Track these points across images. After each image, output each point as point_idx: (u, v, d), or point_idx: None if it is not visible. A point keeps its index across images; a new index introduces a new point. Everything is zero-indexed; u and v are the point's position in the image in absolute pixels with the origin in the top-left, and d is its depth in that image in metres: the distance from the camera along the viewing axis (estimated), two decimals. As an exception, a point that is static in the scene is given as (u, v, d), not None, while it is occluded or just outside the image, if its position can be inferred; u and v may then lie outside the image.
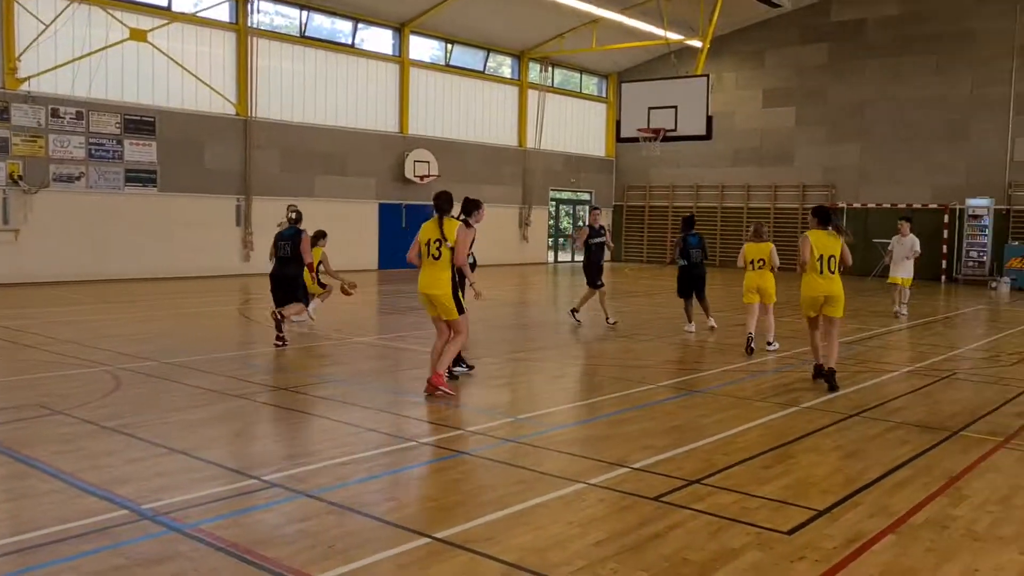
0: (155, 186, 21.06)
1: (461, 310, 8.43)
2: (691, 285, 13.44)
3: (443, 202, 8.41)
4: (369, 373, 9.63)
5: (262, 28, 23.14)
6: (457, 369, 9.25)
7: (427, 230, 8.41)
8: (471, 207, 8.77)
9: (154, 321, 13.58)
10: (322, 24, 24.75)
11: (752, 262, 11.69)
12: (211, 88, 22.09)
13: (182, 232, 21.56)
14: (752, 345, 11.34)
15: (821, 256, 9.06)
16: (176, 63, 21.36)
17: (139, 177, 20.75)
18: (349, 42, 25.37)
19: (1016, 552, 4.64)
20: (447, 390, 8.30)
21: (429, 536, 4.69)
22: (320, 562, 4.31)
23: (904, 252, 16.34)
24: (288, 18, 24.09)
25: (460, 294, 8.50)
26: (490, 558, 4.41)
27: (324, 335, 12.37)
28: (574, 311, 14.20)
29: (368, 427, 7.07)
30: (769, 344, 11.68)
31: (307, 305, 12.47)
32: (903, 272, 16.27)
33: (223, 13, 22.39)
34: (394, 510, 5.12)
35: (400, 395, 8.52)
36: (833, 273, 9.09)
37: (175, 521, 4.83)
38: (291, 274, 11.61)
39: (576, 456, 6.32)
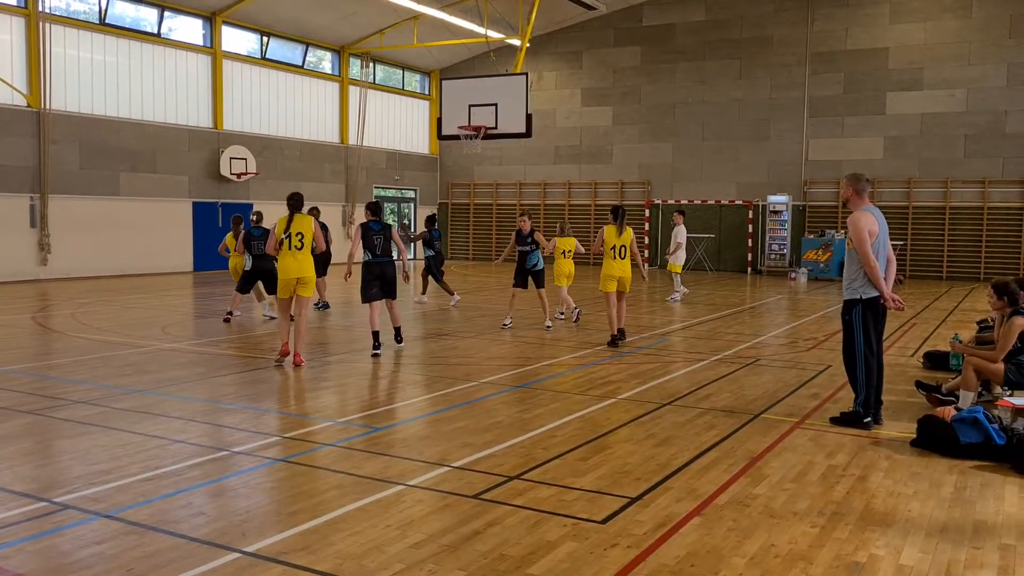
0: (-66, 184, 19.15)
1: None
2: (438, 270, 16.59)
3: (296, 201, 10.07)
4: (178, 381, 9.12)
5: (56, 13, 21.48)
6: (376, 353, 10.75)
7: (284, 225, 9.97)
8: (376, 208, 11.23)
9: (-67, 333, 12.33)
10: (125, 12, 23.27)
11: (564, 252, 13.95)
12: (-2, 77, 20.31)
13: (-33, 234, 19.72)
14: (576, 316, 14.09)
15: (615, 246, 11.76)
16: (-44, 49, 19.50)
17: (-86, 174, 18.81)
18: (155, 31, 23.99)
19: (808, 525, 4.96)
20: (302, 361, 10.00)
21: (239, 551, 4.47)
22: (116, 588, 4.02)
23: (673, 241, 18.04)
24: (86, 3, 22.50)
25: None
26: (304, 569, 4.26)
27: (130, 342, 11.63)
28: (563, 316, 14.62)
29: (176, 439, 6.68)
30: (561, 313, 14.63)
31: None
32: (679, 259, 18.13)
33: (11, -4, 20.65)
34: (202, 526, 4.85)
35: (212, 403, 8.12)
36: (624, 259, 11.85)
37: (-51, 554, 4.37)
38: (269, 267, 13.34)
39: (395, 457, 6.23)
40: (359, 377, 9.65)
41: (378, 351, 10.72)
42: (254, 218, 14.11)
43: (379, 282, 10.89)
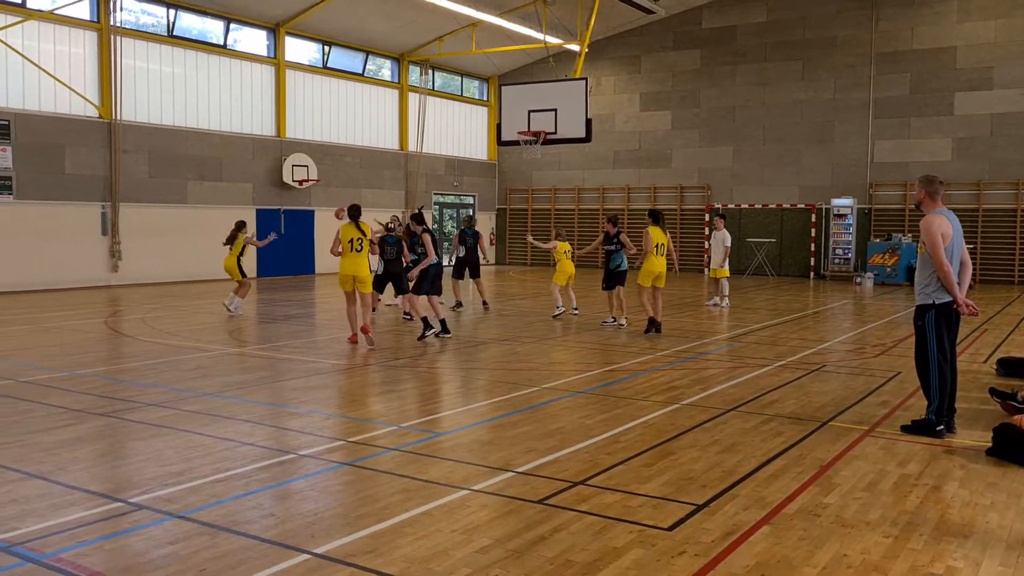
0: (11, 193, 19.84)
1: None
2: (469, 268, 17.09)
3: (356, 211, 11.95)
4: (245, 385, 9.30)
5: (126, 27, 22.13)
6: (429, 332, 12.41)
7: (348, 231, 11.74)
8: (420, 217, 13.41)
9: (10, 337, 12.77)
10: (191, 24, 23.88)
11: (565, 253, 15.55)
12: (71, 89, 20.99)
13: (41, 242, 20.39)
14: (559, 313, 15.37)
15: (658, 244, 13.31)
16: (33, 63, 20.20)
17: (-6, 184, 19.53)
18: (221, 42, 24.56)
19: (881, 536, 4.84)
20: (372, 339, 11.86)
21: (309, 552, 4.53)
22: (190, 587, 4.11)
23: (718, 246, 17.52)
24: (154, 16, 23.14)
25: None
26: (372, 571, 4.30)
27: (198, 346, 11.90)
28: (608, 321, 14.72)
29: (244, 441, 6.81)
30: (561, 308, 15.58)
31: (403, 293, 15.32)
32: (719, 264, 17.64)
33: (83, 11, 21.32)
34: (272, 527, 4.93)
35: (279, 406, 8.26)
36: (663, 257, 13.33)
37: (32, 551, 4.51)
38: (396, 271, 14.47)
39: (460, 462, 6.25)
40: (422, 382, 9.72)
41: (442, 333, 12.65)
42: (390, 225, 15.46)
43: (438, 280, 13.02)
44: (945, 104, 25.87)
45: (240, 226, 16.35)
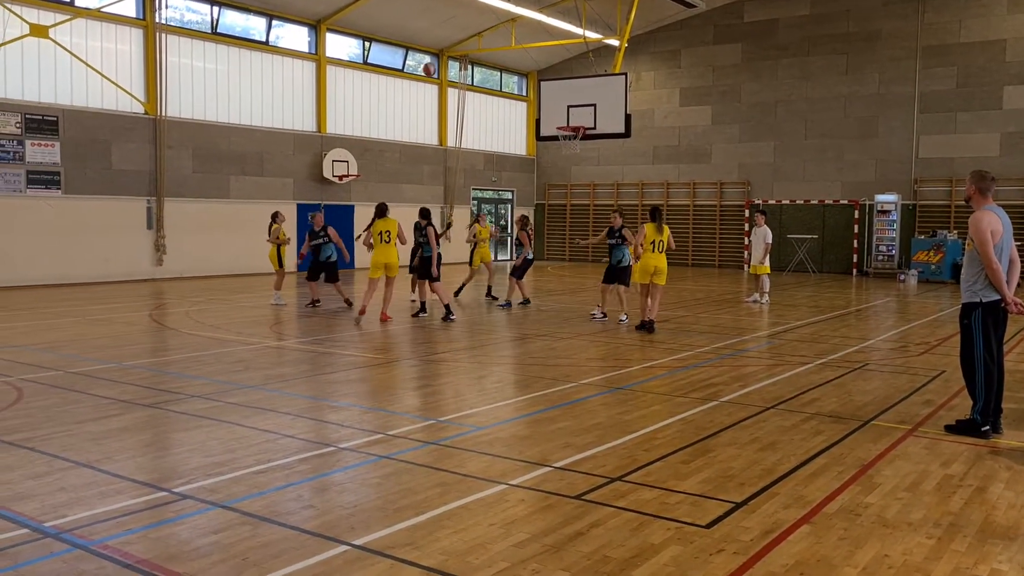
0: (59, 188, 20.26)
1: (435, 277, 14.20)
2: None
3: (384, 208, 13.86)
4: (286, 378, 9.41)
5: (171, 24, 22.46)
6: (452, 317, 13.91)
7: (380, 225, 13.67)
8: (427, 213, 14.52)
9: (58, 329, 13.04)
10: (235, 21, 24.17)
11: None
12: (118, 86, 21.35)
13: (88, 236, 20.79)
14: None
15: (654, 241, 13.08)
16: (80, 60, 20.59)
17: (41, 179, 19.93)
18: (263, 39, 24.84)
19: (924, 536, 4.77)
20: (361, 319, 13.68)
21: (348, 544, 4.58)
22: (234, 575, 4.17)
23: (758, 242, 17.33)
24: (199, 14, 23.45)
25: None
26: (411, 564, 4.34)
27: (240, 339, 12.07)
28: (595, 315, 14.78)
29: (285, 433, 6.90)
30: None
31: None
32: (759, 261, 17.49)
33: (130, 9, 21.67)
34: (312, 518, 5.00)
35: (318, 399, 8.36)
36: (661, 253, 13.12)
37: (80, 538, 4.62)
38: (327, 263, 16.13)
39: (498, 457, 6.28)
40: (459, 376, 9.76)
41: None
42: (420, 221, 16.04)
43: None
44: (993, 98, 25.33)
45: (274, 217, 16.76)
